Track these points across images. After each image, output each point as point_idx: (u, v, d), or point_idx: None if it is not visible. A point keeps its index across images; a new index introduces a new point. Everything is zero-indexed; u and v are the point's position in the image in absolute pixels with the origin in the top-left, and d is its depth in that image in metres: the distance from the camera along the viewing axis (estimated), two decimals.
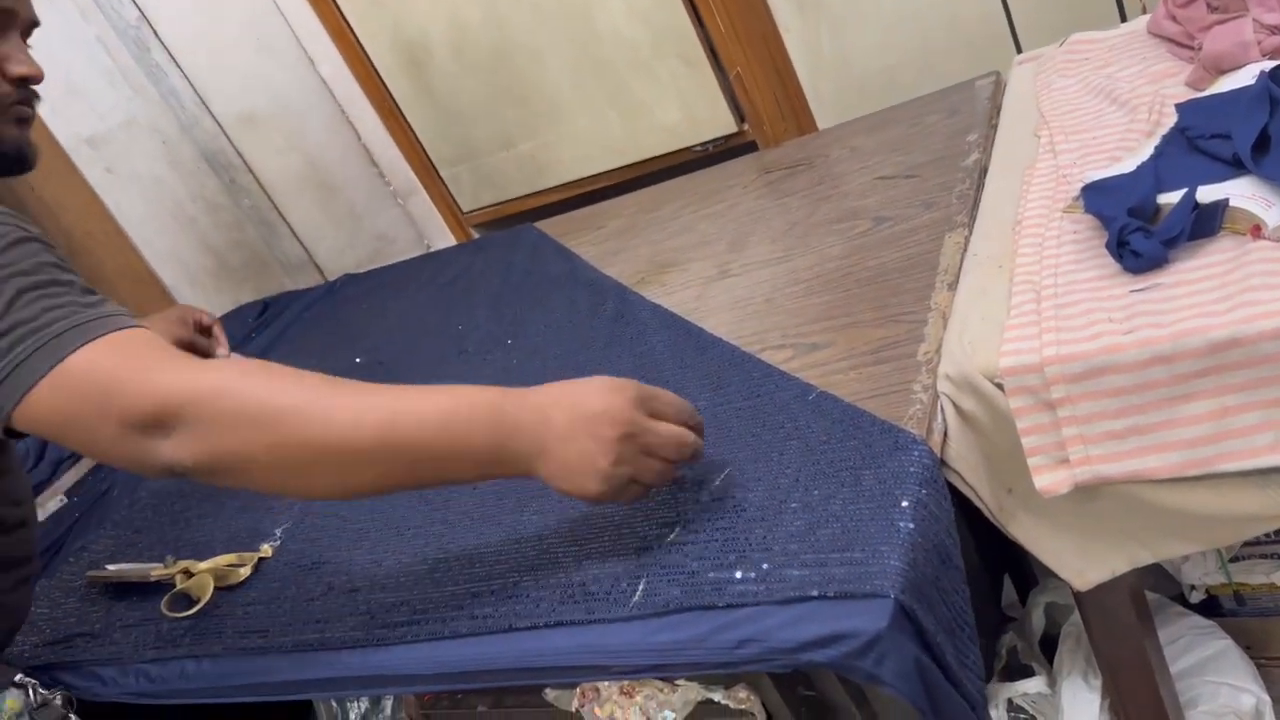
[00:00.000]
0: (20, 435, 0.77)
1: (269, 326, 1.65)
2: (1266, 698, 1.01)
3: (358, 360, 1.37)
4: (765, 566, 0.69)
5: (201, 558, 1.03)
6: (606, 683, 0.80)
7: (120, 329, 0.74)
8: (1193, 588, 1.15)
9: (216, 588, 0.99)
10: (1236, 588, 1.15)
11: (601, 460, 0.71)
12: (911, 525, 0.68)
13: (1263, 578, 1.10)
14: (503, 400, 0.73)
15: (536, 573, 0.80)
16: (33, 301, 0.72)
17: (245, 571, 1.00)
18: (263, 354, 1.55)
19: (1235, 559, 1.12)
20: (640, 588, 0.73)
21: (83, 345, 0.71)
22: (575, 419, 0.71)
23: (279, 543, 1.05)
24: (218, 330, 1.32)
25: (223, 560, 1.02)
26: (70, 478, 1.42)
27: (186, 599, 0.99)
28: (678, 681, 0.78)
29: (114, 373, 0.71)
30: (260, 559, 1.02)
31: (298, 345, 1.54)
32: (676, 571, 0.73)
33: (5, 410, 0.72)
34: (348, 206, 1.86)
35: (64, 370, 0.71)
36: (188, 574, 1.01)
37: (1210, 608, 1.18)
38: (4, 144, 0.89)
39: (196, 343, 1.33)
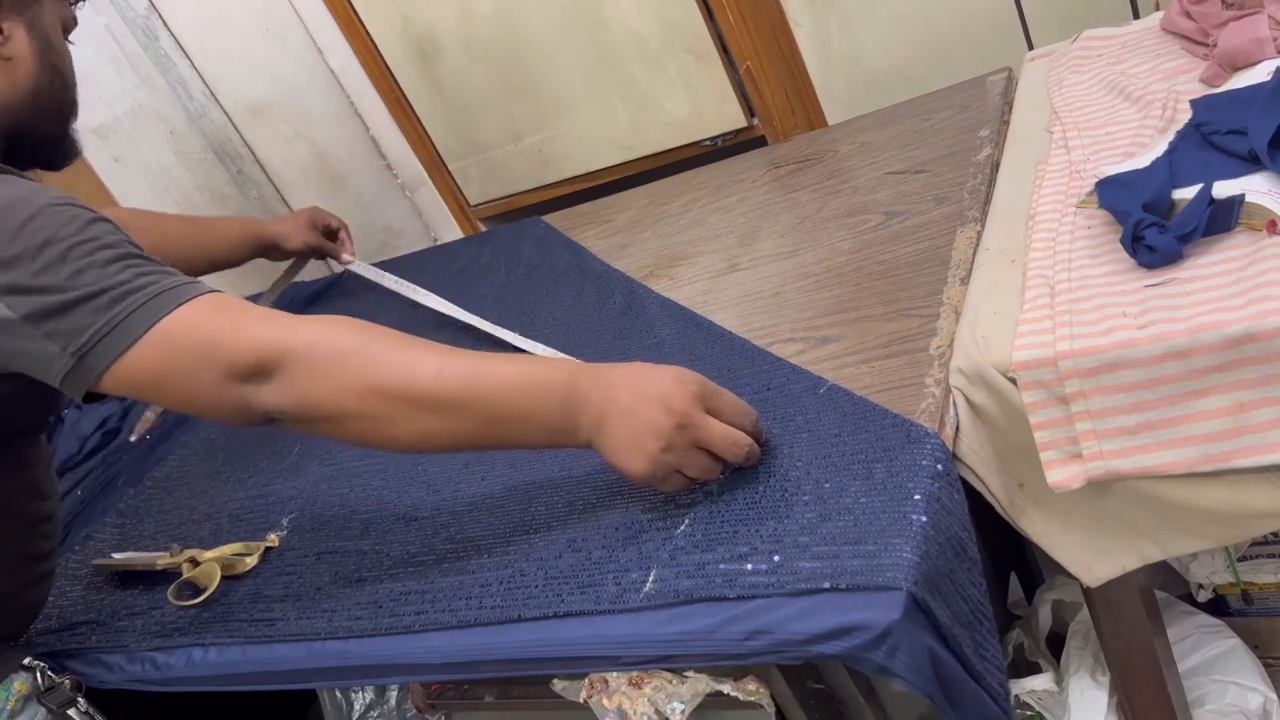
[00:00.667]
0: (97, 398, 0.81)
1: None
2: (1274, 696, 1.01)
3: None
4: (776, 558, 0.69)
5: (207, 547, 1.02)
6: (615, 674, 0.79)
7: (211, 291, 0.79)
8: (1200, 586, 1.14)
9: (223, 577, 0.98)
10: (1244, 587, 1.15)
11: (651, 443, 0.73)
12: (924, 518, 0.67)
13: (1270, 577, 1.10)
14: (577, 372, 0.77)
15: (545, 563, 0.80)
16: (124, 269, 0.76)
17: (252, 561, 1.00)
18: None
19: (1243, 558, 1.11)
20: (650, 579, 0.73)
21: (182, 304, 0.76)
22: (637, 399, 0.74)
23: (285, 532, 1.04)
24: (344, 235, 1.49)
25: (229, 549, 1.01)
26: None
27: (193, 588, 0.99)
28: (687, 673, 0.78)
29: (217, 326, 0.76)
30: (267, 548, 1.02)
31: None
32: (687, 563, 0.73)
33: (99, 370, 0.75)
34: (355, 198, 1.86)
35: (167, 326, 0.75)
36: (194, 563, 1.00)
37: (1218, 607, 1.18)
38: (65, 139, 0.98)
39: (324, 246, 1.50)
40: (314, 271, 1.95)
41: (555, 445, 0.78)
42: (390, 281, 1.42)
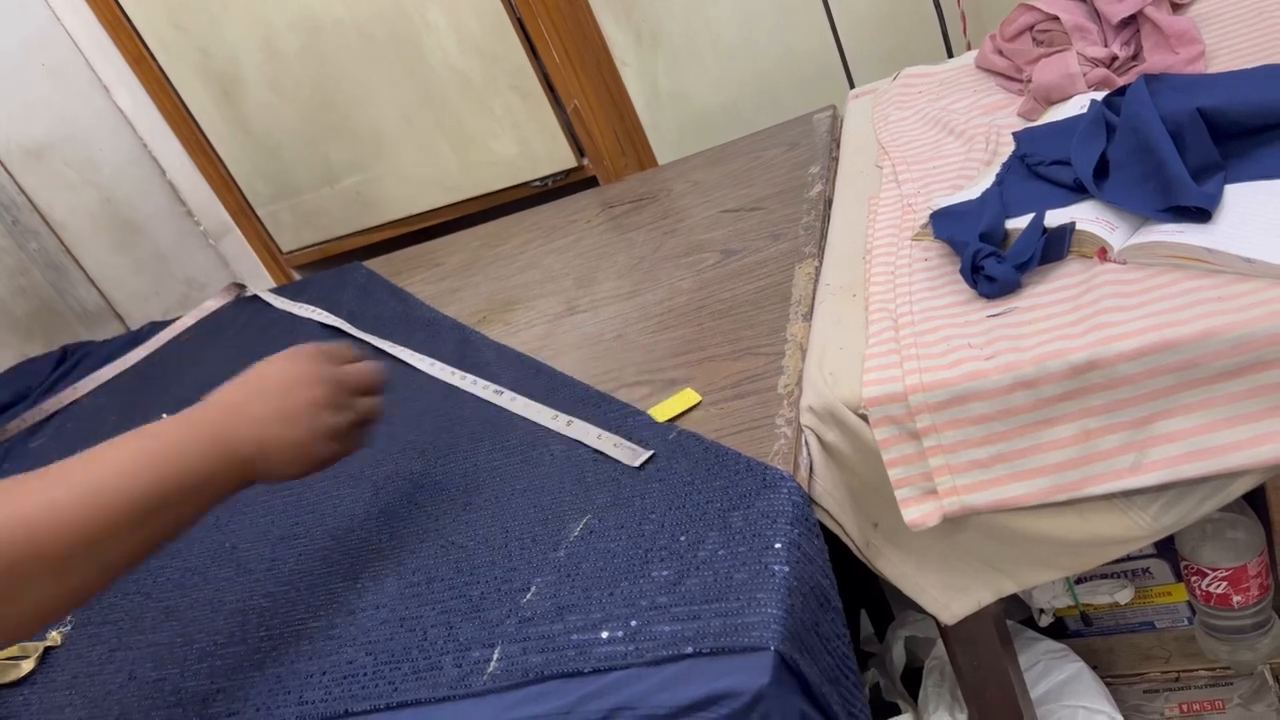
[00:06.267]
0: None
1: (71, 375, 1.47)
2: (1119, 717, 1.03)
3: (164, 416, 1.24)
4: (633, 624, 0.63)
5: None
6: None
7: None
8: (1042, 611, 1.16)
9: None
10: (1083, 609, 1.17)
11: (308, 415, 0.69)
12: (786, 568, 0.63)
13: (1106, 597, 1.12)
14: (193, 416, 0.67)
15: (375, 647, 0.72)
16: None
17: (28, 665, 0.87)
18: (61, 411, 1.39)
19: (1080, 580, 1.14)
20: (495, 657, 0.66)
21: None
22: (269, 399, 0.68)
23: (69, 628, 0.91)
24: None
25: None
26: None
27: None
28: None
29: None
30: (47, 648, 0.89)
31: (99, 402, 1.38)
32: (535, 636, 0.66)
33: None
34: (152, 248, 1.71)
35: None
36: None
37: (1057, 629, 1.20)
38: None
39: None
40: (107, 329, 1.78)
41: (225, 497, 0.66)
42: (306, 311, 1.30)
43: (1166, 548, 1.10)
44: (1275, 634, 1.07)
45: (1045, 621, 1.17)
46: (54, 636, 0.90)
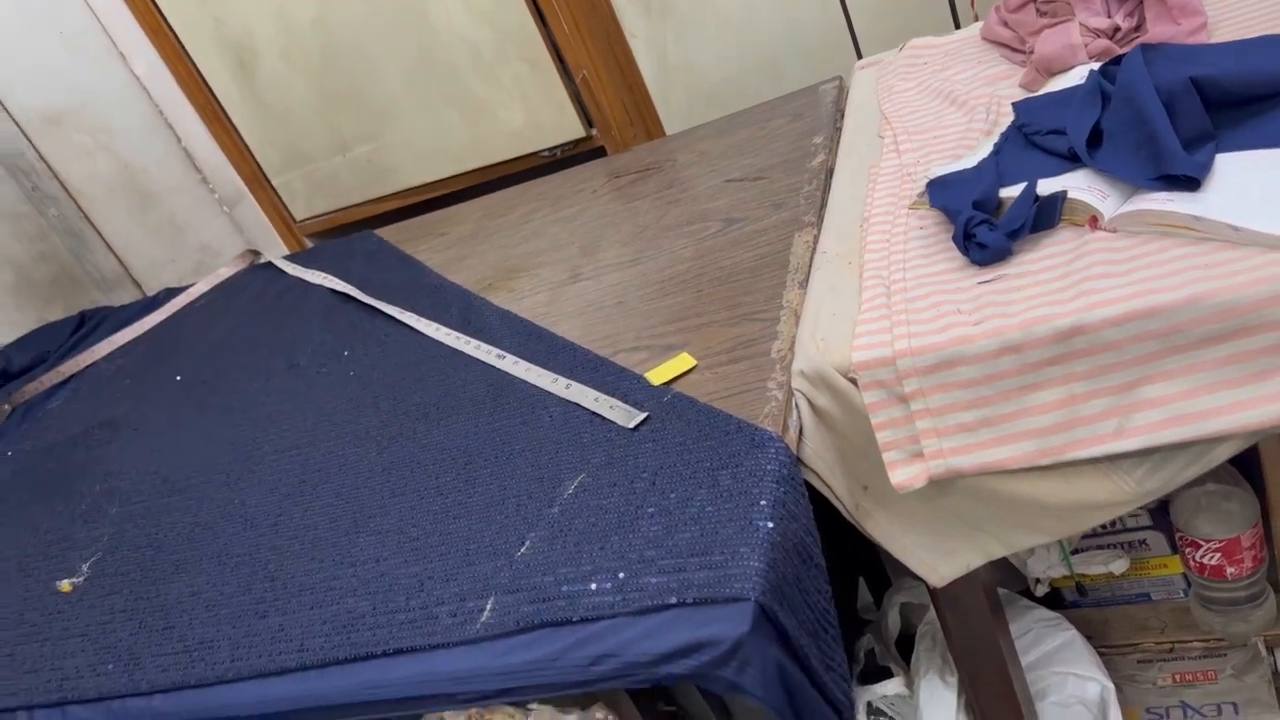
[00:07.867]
0: None
1: (88, 339, 1.51)
2: (1110, 685, 1.04)
3: (178, 378, 1.26)
4: (622, 575, 0.65)
5: None
6: (452, 713, 0.74)
7: None
8: (1037, 581, 1.17)
9: None
10: (1078, 579, 1.19)
11: None
12: (770, 524, 0.65)
13: (1101, 568, 1.14)
14: None
15: (374, 597, 0.74)
16: None
17: None
18: (78, 374, 1.42)
19: (1076, 551, 1.15)
20: (488, 606, 0.68)
21: None
22: None
23: (84, 579, 0.94)
24: None
25: None
26: None
27: None
28: (530, 705, 0.73)
29: None
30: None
31: (115, 365, 1.41)
32: (527, 587, 0.68)
33: None
34: (168, 216, 1.73)
35: None
36: None
37: (1054, 600, 1.21)
38: None
39: None
40: (124, 295, 1.81)
41: None
42: (317, 277, 1.32)
43: (1162, 519, 1.11)
44: (1269, 606, 1.07)
45: (1041, 591, 1.18)
46: (65, 585, 0.93)
